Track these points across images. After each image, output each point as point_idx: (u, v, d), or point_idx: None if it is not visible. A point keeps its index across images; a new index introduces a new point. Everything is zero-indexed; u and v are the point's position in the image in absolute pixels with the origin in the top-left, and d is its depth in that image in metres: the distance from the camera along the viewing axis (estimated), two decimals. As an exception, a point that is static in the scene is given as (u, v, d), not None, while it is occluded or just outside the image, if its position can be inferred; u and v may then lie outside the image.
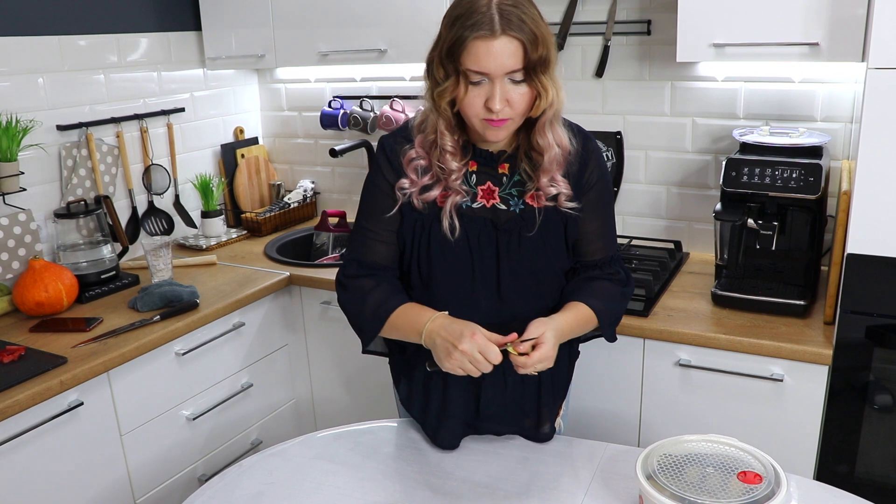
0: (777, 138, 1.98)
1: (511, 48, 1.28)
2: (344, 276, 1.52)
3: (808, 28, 1.80)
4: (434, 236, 1.45)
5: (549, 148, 1.40)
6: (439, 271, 1.47)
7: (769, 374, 1.80)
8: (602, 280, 1.53)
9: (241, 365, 2.33)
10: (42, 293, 2.06)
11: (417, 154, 1.44)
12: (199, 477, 2.21)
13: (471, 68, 1.30)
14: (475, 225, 1.45)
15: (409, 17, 2.33)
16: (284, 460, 1.53)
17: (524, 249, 1.46)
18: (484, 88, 1.32)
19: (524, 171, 1.45)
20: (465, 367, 1.31)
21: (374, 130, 2.76)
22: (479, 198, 1.46)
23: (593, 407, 2.02)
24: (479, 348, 1.30)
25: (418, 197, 1.44)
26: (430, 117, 1.42)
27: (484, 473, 1.47)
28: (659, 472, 1.25)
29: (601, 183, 1.51)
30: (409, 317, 1.43)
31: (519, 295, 1.48)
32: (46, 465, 1.79)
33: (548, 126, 1.39)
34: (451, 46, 1.31)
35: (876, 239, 1.63)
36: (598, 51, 2.38)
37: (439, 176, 1.43)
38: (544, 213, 1.45)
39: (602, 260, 1.54)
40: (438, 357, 1.36)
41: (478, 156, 1.46)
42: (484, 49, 1.28)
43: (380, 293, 1.47)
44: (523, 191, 1.45)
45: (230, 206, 2.96)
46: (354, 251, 1.52)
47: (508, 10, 1.28)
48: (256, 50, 2.64)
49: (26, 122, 2.17)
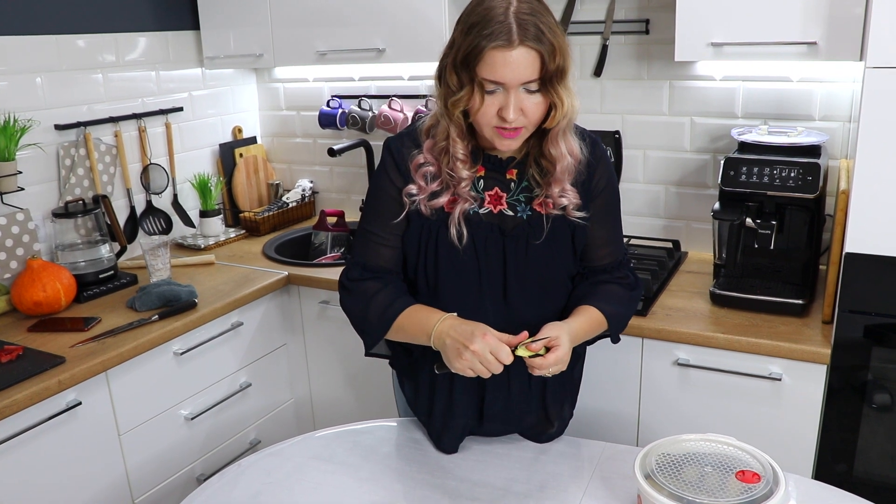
0: (775, 137, 1.98)
1: (529, 59, 1.26)
2: (347, 280, 1.51)
3: (807, 27, 1.80)
4: (441, 242, 1.43)
5: (561, 158, 1.38)
6: (446, 277, 1.45)
7: (767, 373, 1.80)
8: (611, 284, 1.52)
9: (240, 364, 2.33)
10: (40, 293, 2.06)
11: (426, 160, 1.42)
12: (197, 477, 2.21)
13: (487, 77, 1.28)
14: (482, 231, 1.43)
15: (408, 17, 2.33)
16: (283, 460, 1.53)
17: (531, 256, 1.44)
18: (498, 97, 1.30)
19: (532, 178, 1.43)
20: (476, 367, 1.30)
21: (372, 130, 2.76)
22: (486, 203, 1.44)
23: (592, 406, 2.02)
24: (490, 348, 1.29)
25: (426, 203, 1.42)
26: (441, 123, 1.39)
27: (483, 472, 1.47)
28: (657, 472, 1.25)
29: (609, 189, 1.50)
30: (417, 318, 1.42)
31: (525, 301, 1.47)
32: (44, 466, 1.79)
33: (560, 136, 1.37)
34: (468, 55, 1.28)
35: (874, 238, 1.63)
36: (597, 50, 2.38)
37: (448, 183, 1.41)
38: (552, 220, 1.44)
39: (611, 264, 1.54)
40: (448, 358, 1.34)
41: (486, 161, 1.44)
42: (501, 59, 1.26)
43: (385, 296, 1.45)
44: (531, 197, 1.44)
45: (228, 206, 2.95)
46: (358, 255, 1.50)
47: (526, 20, 1.26)
48: (255, 49, 2.63)
49: (24, 121, 2.17)
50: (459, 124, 1.37)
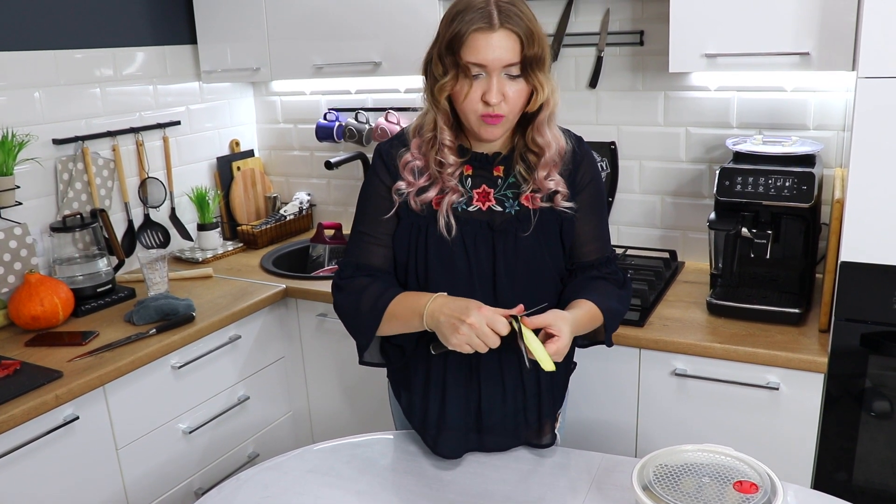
0: (770, 147, 1.99)
1: (509, 42, 1.33)
2: (340, 279, 1.53)
3: (799, 38, 1.82)
4: (431, 238, 1.46)
5: (547, 146, 1.44)
6: (436, 273, 1.47)
7: (765, 382, 1.80)
8: (602, 280, 1.54)
9: (238, 378, 2.33)
10: (38, 307, 2.06)
11: (413, 156, 1.47)
12: (195, 491, 2.21)
13: (470, 60, 1.34)
14: (471, 227, 1.46)
15: (404, 30, 2.34)
16: (281, 473, 1.53)
17: (520, 250, 1.47)
18: (481, 83, 1.36)
19: (519, 174, 1.47)
20: (473, 341, 1.30)
21: (369, 142, 2.77)
22: (474, 201, 1.48)
23: (590, 417, 2.02)
24: (486, 320, 1.30)
25: (415, 198, 1.46)
26: (427, 116, 1.45)
27: (480, 484, 1.47)
28: (655, 483, 1.25)
29: (594, 184, 1.53)
30: (408, 302, 1.43)
31: (515, 296, 1.47)
32: (42, 481, 1.78)
33: (545, 125, 1.43)
34: (451, 40, 1.35)
35: (870, 246, 1.63)
36: (592, 62, 2.39)
37: (436, 176, 1.45)
38: (539, 213, 1.47)
39: (598, 260, 1.55)
40: (443, 335, 1.34)
41: (474, 160, 1.48)
42: (483, 41, 1.33)
43: (376, 287, 1.47)
44: (518, 192, 1.48)
45: (226, 219, 2.96)
46: (351, 254, 1.53)
47: (506, 7, 1.34)
48: (252, 63, 2.65)
49: (22, 136, 2.18)
50: (446, 112, 1.42)
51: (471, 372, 1.51)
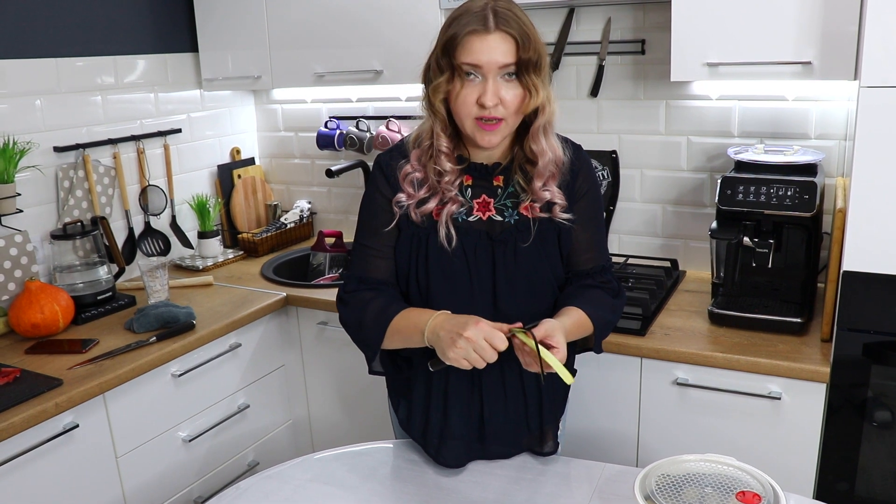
0: (772, 156, 1.99)
1: (504, 44, 1.34)
2: (344, 293, 1.53)
3: (801, 47, 1.82)
4: (431, 249, 1.46)
5: (542, 154, 1.43)
6: (437, 284, 1.48)
7: (767, 392, 1.80)
8: (595, 289, 1.54)
9: (238, 386, 2.32)
10: (38, 315, 2.06)
11: (413, 168, 1.47)
12: (195, 499, 2.20)
13: (465, 61, 1.35)
14: (471, 237, 1.47)
15: (404, 39, 2.34)
16: (282, 482, 1.52)
17: (520, 260, 1.47)
18: (477, 86, 1.36)
19: (518, 184, 1.48)
20: (470, 356, 1.29)
21: (370, 151, 2.77)
22: (475, 211, 1.48)
23: (591, 426, 2.01)
24: (484, 335, 1.29)
25: (415, 210, 1.46)
26: (425, 124, 1.46)
27: (482, 493, 1.46)
28: (657, 493, 1.24)
29: (591, 192, 1.54)
30: (411, 318, 1.43)
31: (515, 305, 1.48)
32: (41, 489, 1.77)
33: (541, 132, 1.43)
34: (447, 43, 1.37)
35: (872, 256, 1.63)
36: (593, 70, 2.39)
37: (435, 186, 1.45)
38: (538, 223, 1.47)
39: (594, 269, 1.55)
40: (442, 350, 1.33)
41: (473, 170, 1.48)
42: (478, 42, 1.34)
43: (381, 301, 1.47)
44: (518, 202, 1.48)
45: (227, 227, 2.96)
46: (354, 268, 1.53)
47: (503, 11, 1.35)
48: (253, 71, 2.65)
49: (23, 143, 2.18)
50: (442, 118, 1.42)
51: (472, 379, 1.51)
